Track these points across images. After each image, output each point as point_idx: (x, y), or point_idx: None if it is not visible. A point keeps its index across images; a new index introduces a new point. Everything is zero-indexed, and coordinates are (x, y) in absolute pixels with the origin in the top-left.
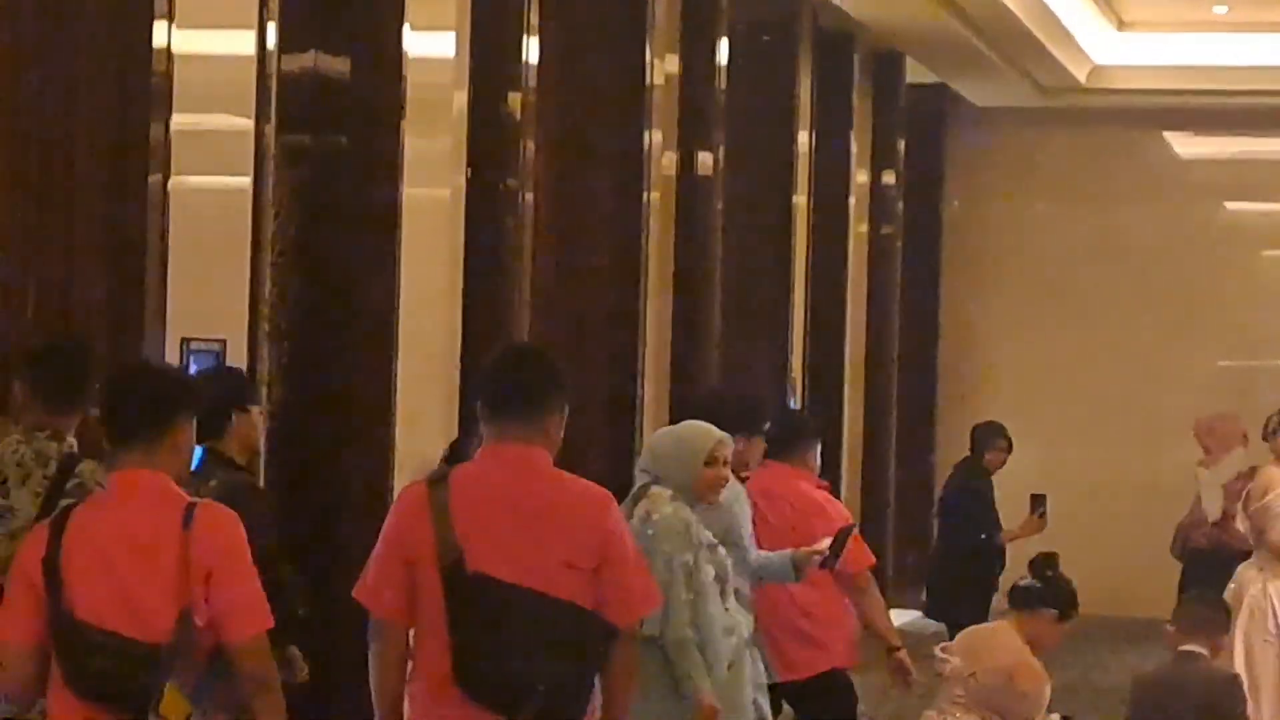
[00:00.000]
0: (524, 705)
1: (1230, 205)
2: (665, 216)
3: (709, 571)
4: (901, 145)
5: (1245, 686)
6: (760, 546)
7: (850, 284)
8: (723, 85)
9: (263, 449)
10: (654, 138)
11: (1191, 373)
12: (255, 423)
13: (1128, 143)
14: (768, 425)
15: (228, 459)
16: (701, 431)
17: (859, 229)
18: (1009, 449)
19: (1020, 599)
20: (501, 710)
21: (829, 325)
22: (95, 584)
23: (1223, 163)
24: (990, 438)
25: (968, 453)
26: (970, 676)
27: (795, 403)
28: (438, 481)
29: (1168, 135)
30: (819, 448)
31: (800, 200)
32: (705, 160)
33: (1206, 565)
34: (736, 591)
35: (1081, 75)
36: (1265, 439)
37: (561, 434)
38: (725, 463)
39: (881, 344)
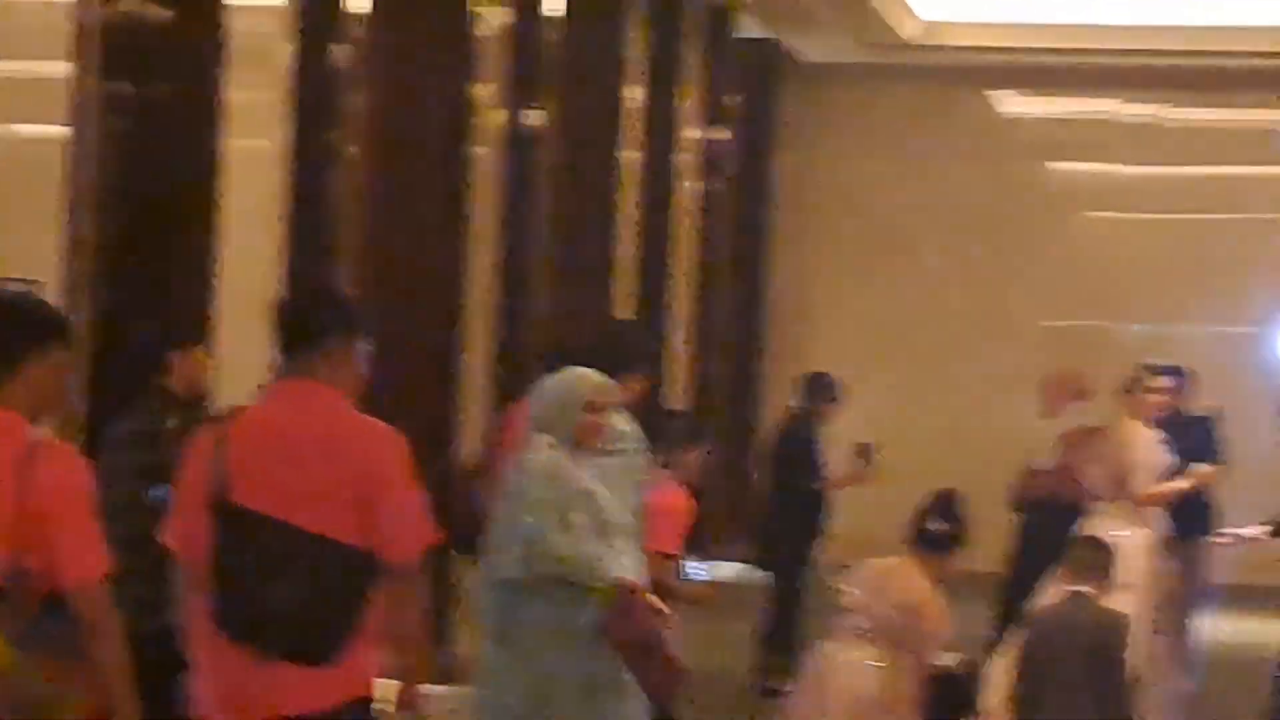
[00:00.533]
0: (274, 640)
1: (1055, 164)
2: (493, 170)
3: (583, 517)
4: (732, 102)
5: None
6: None
7: (680, 240)
8: (553, 39)
9: (82, 395)
10: (482, 91)
11: (1016, 330)
12: (199, 362)
13: (955, 100)
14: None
15: (174, 396)
16: (580, 377)
17: (688, 185)
18: (838, 399)
19: (934, 542)
20: (253, 645)
21: (658, 281)
22: None
23: (1048, 121)
24: (818, 387)
25: (799, 403)
26: (874, 610)
27: None
28: (223, 420)
29: (993, 93)
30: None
31: (630, 155)
32: (534, 114)
33: (1043, 516)
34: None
35: (910, 32)
36: (1125, 392)
37: (357, 372)
38: (606, 409)
39: (711, 299)
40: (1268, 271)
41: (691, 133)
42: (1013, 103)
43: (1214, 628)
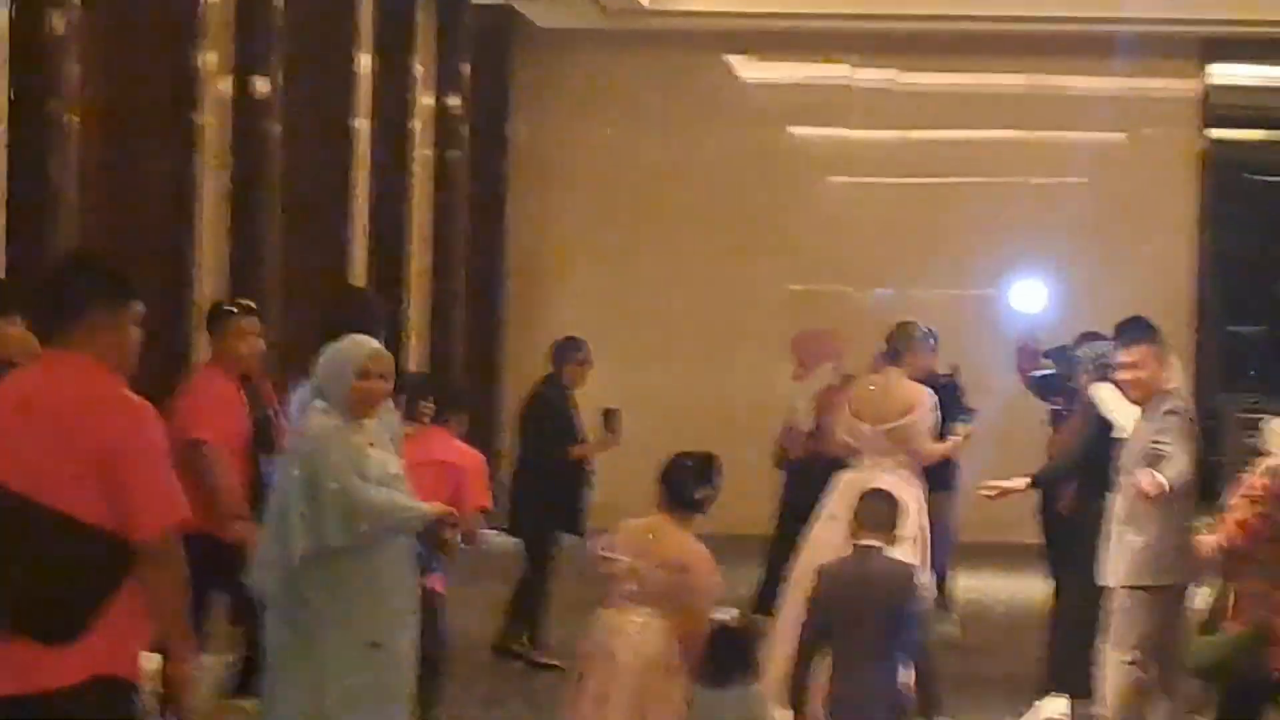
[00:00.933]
0: (8, 616)
1: (795, 130)
2: (220, 139)
3: (374, 474)
4: (466, 68)
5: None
6: None
7: (415, 209)
8: (280, 5)
9: None
10: (207, 59)
11: (760, 295)
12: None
13: (692, 65)
14: None
15: None
16: (354, 345)
17: (424, 153)
18: (587, 363)
19: (694, 505)
20: None
21: (392, 251)
22: None
23: (787, 86)
24: (568, 352)
25: (548, 369)
26: (642, 573)
27: None
28: None
29: (731, 58)
30: None
31: (361, 124)
32: (261, 82)
33: (804, 474)
34: None
35: None
36: (896, 352)
37: (124, 341)
38: (380, 376)
39: (447, 270)
40: (1003, 235)
41: (426, 100)
42: (751, 68)
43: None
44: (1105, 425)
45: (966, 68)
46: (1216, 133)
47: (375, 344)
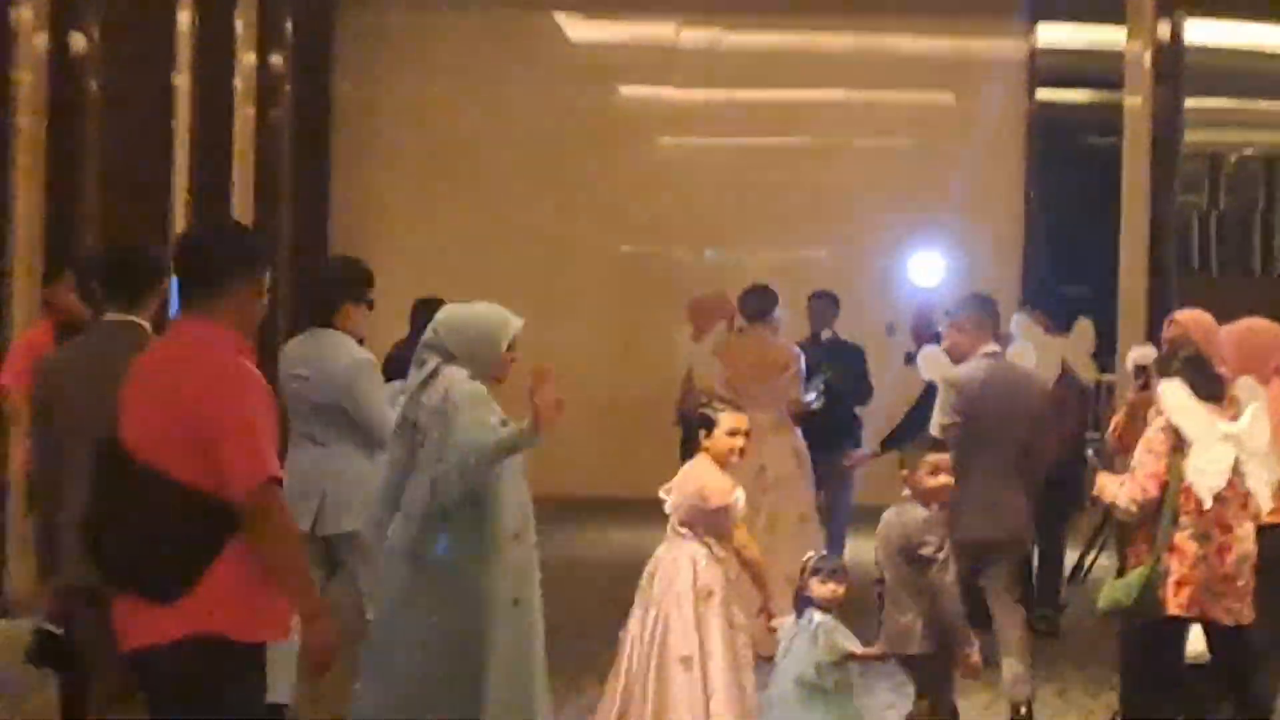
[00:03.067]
0: (119, 574)
1: (621, 89)
2: (36, 98)
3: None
4: (289, 26)
5: None
6: None
7: (236, 169)
8: None
9: None
10: (23, 14)
11: (592, 256)
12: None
13: (521, 24)
14: None
15: None
16: (503, 316)
17: (246, 111)
18: None
19: (703, 421)
20: (101, 574)
21: (215, 212)
22: None
23: (613, 46)
24: (433, 314)
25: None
26: (680, 506)
27: None
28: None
29: (559, 17)
30: None
31: (182, 81)
32: (78, 39)
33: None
34: None
35: None
36: (761, 314)
37: (250, 309)
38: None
39: (271, 230)
40: (831, 195)
41: (248, 57)
42: (578, 27)
43: None
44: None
45: (794, 28)
46: (1044, 93)
47: (518, 319)
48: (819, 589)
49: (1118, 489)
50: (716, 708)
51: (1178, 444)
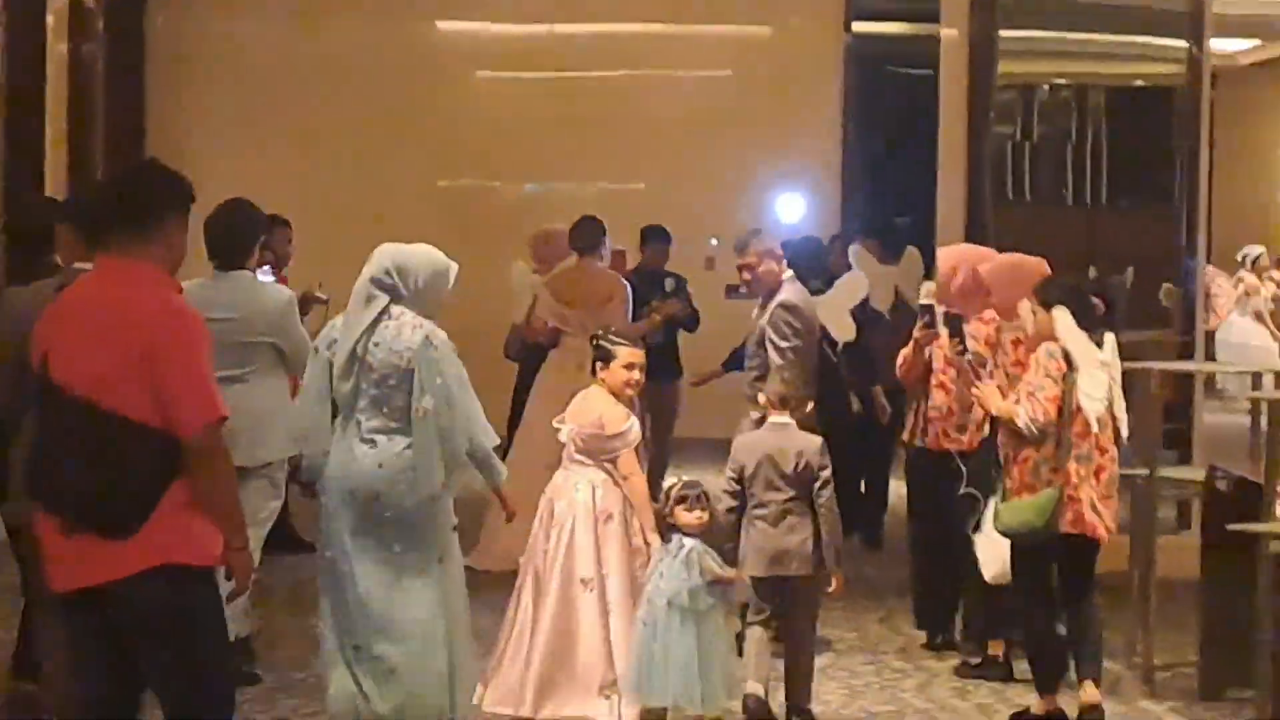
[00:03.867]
0: (74, 512)
1: (439, 23)
2: None
3: None
4: None
5: None
6: None
7: (50, 104)
8: None
9: None
10: None
11: (407, 190)
12: None
13: None
14: None
15: None
16: (446, 260)
17: (58, 48)
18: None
19: (602, 353)
20: (49, 510)
21: (28, 148)
22: None
23: None
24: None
25: None
26: (579, 435)
27: None
28: (60, 289)
29: None
30: None
31: None
32: None
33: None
34: None
35: None
36: (590, 246)
37: (177, 246)
38: None
39: (85, 166)
40: (650, 128)
41: None
42: None
43: None
44: None
45: None
46: (860, 26)
47: None
48: (685, 516)
49: (1012, 406)
50: (616, 624)
51: (1068, 369)
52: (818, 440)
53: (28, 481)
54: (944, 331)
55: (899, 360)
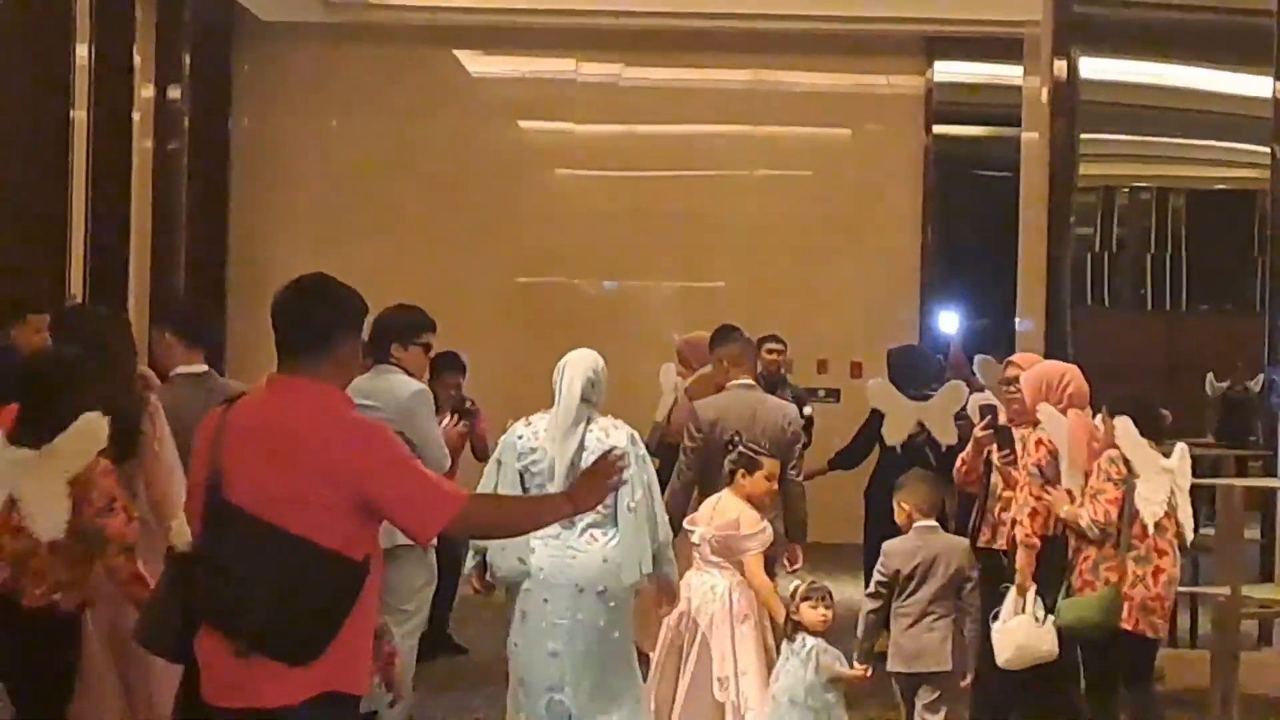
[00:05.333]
0: (250, 636)
1: (522, 123)
2: None
3: None
4: (187, 59)
5: None
6: None
7: (135, 201)
8: None
9: None
10: None
11: (489, 288)
12: None
13: (419, 59)
14: None
15: None
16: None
17: (144, 145)
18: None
19: (746, 462)
20: (225, 633)
21: (113, 246)
22: None
23: (512, 81)
24: (447, 370)
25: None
26: (711, 537)
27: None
28: (228, 407)
29: (458, 53)
30: None
31: (79, 115)
32: None
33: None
34: None
35: None
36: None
37: (350, 366)
38: None
39: (169, 263)
40: (728, 228)
41: (146, 91)
42: (476, 62)
43: None
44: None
45: (692, 64)
46: (941, 128)
47: None
48: (810, 615)
49: (1077, 509)
50: None
51: (1128, 474)
52: (965, 544)
53: (200, 601)
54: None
55: (958, 463)
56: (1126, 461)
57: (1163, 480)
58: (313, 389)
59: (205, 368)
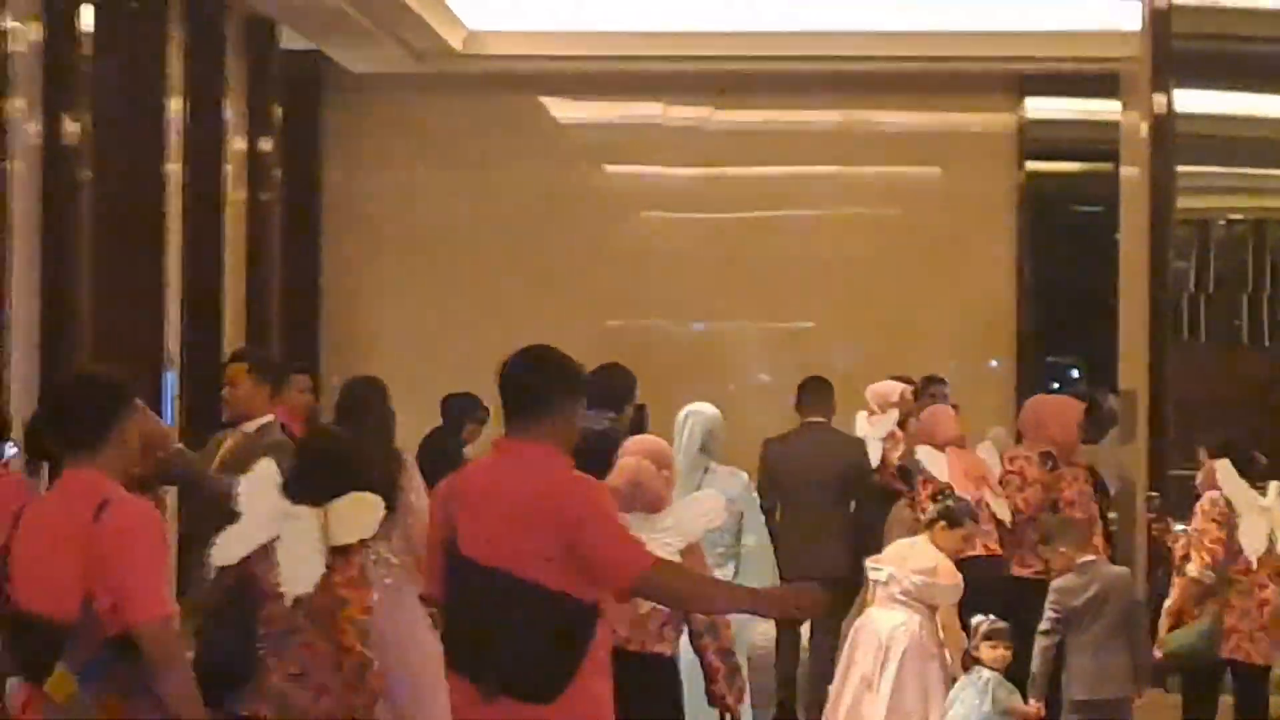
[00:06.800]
0: (498, 678)
1: (609, 168)
2: (29, 187)
3: None
4: (278, 112)
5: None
6: None
7: (228, 253)
8: (89, 50)
9: None
10: (15, 104)
11: (579, 333)
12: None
13: (506, 107)
14: None
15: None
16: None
17: (236, 196)
18: (485, 423)
19: (950, 515)
20: (472, 677)
21: (207, 297)
22: (28, 570)
23: (600, 126)
24: (472, 410)
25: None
26: (902, 578)
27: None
28: (458, 472)
29: (545, 100)
30: None
31: (173, 168)
32: (71, 128)
33: (875, 503)
34: None
35: (456, 41)
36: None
37: (571, 428)
38: None
39: (262, 315)
40: (812, 265)
41: (237, 143)
42: (564, 108)
43: None
44: None
45: (780, 105)
46: (1033, 165)
47: None
48: (989, 653)
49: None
50: None
51: (1230, 514)
52: (1127, 572)
53: (447, 649)
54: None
55: (1021, 503)
56: (1228, 502)
57: (1262, 518)
58: (537, 450)
59: (271, 417)
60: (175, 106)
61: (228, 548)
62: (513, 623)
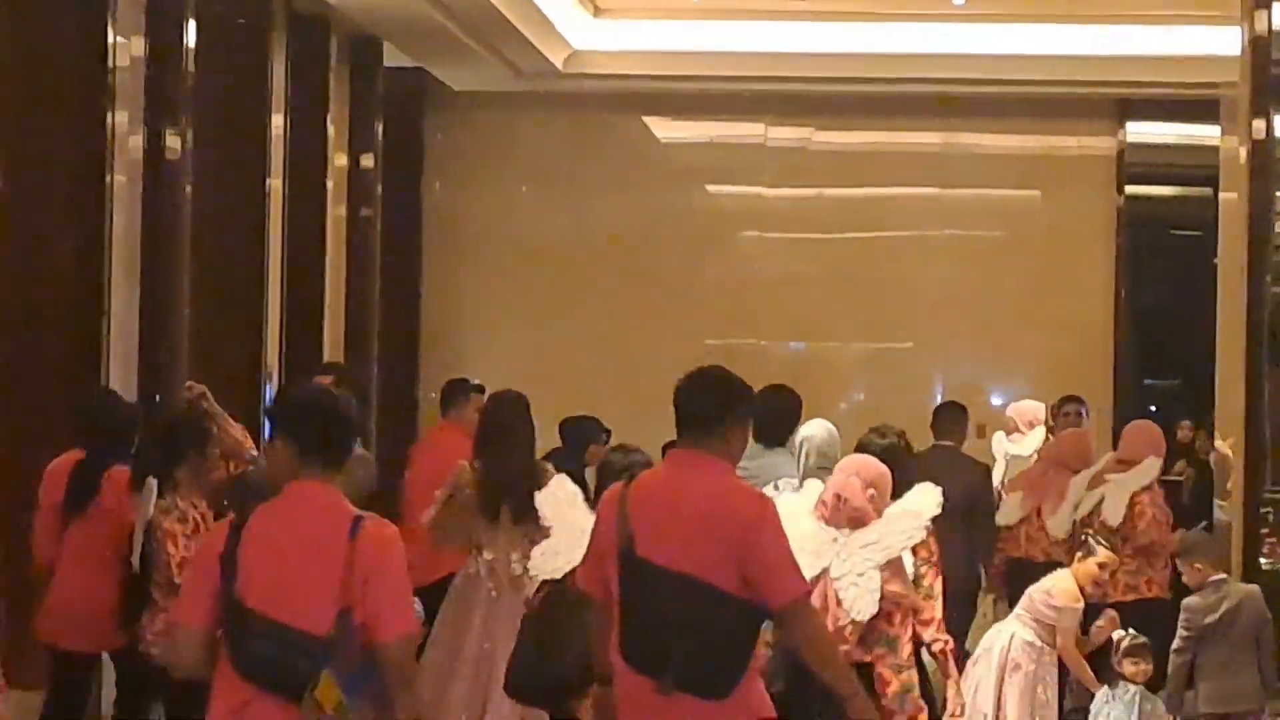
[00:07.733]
0: (674, 675)
1: (710, 188)
2: (131, 201)
3: None
4: (380, 128)
5: None
6: None
7: (329, 269)
8: (191, 67)
9: None
10: (118, 119)
11: (679, 352)
12: None
13: (608, 127)
14: None
15: None
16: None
17: (337, 212)
18: (606, 440)
19: (1084, 547)
20: (649, 674)
21: (307, 312)
22: (267, 577)
23: (701, 146)
24: (593, 432)
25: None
26: (1027, 599)
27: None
28: (629, 482)
29: (647, 119)
30: None
31: (275, 183)
32: (173, 143)
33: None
34: None
35: (559, 60)
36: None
37: (741, 445)
38: None
39: (362, 330)
40: (911, 286)
41: (339, 159)
42: (666, 128)
43: None
44: None
45: (882, 127)
46: (1133, 189)
47: None
48: (1130, 669)
49: None
50: None
51: None
52: (1257, 590)
53: (623, 647)
54: None
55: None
56: None
57: None
58: (708, 462)
59: None
60: (278, 122)
61: (547, 562)
62: (692, 623)
